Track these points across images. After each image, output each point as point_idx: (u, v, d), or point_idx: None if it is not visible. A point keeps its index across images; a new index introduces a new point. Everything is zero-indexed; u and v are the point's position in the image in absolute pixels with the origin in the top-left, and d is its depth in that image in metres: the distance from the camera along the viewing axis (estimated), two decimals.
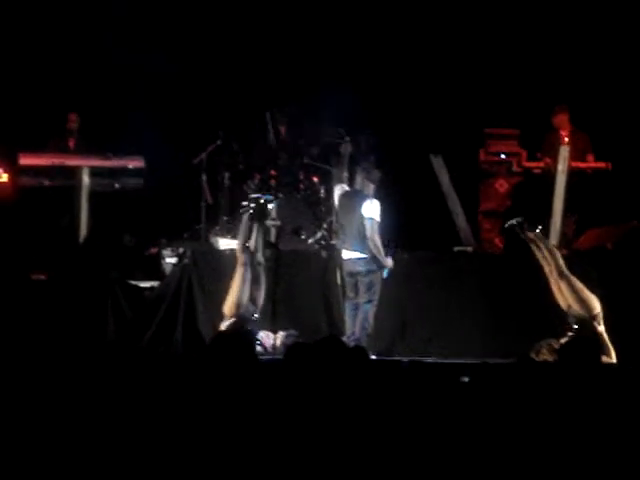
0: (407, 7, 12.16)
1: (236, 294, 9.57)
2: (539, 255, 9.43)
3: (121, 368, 5.96)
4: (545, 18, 12.04)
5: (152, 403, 4.94)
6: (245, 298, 9.61)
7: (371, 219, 9.43)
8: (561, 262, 9.35)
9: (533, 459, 4.65)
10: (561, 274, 9.29)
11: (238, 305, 9.56)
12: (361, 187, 9.65)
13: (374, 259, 9.43)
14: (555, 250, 9.53)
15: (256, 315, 9.69)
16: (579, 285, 9.25)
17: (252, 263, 9.73)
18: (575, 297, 9.20)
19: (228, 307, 9.59)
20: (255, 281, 9.73)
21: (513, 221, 9.59)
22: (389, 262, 9.48)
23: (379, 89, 11.98)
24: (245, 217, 9.95)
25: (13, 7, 11.88)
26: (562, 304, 9.28)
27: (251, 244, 9.83)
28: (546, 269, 9.36)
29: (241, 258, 9.71)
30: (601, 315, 9.14)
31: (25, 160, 11.03)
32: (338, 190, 9.93)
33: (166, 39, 12.04)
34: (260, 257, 9.87)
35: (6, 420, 4.87)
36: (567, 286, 9.25)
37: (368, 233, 9.39)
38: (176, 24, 12.09)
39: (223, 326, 9.49)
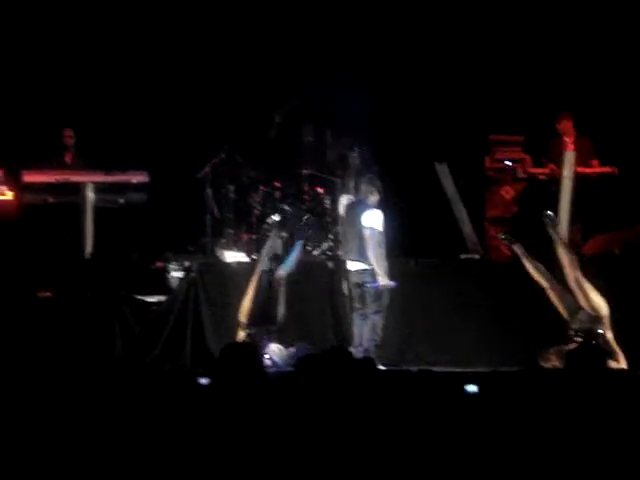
0: (410, 14, 12.14)
1: (251, 301, 9.59)
2: (561, 252, 9.47)
3: (129, 385, 5.95)
4: (548, 24, 12.01)
5: (159, 418, 4.93)
6: (259, 306, 9.62)
7: (371, 228, 9.43)
8: (576, 263, 9.40)
9: (543, 466, 4.63)
10: (576, 276, 9.34)
11: (252, 312, 9.57)
12: (365, 196, 9.66)
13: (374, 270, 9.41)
14: (571, 251, 9.57)
15: (272, 330, 9.70)
16: (589, 286, 9.28)
17: (271, 275, 9.77)
18: (585, 298, 9.23)
19: (243, 314, 9.60)
20: (274, 292, 9.75)
21: (548, 213, 9.62)
22: (384, 280, 9.41)
23: (383, 97, 11.95)
24: (275, 228, 10.06)
25: (9, 21, 11.88)
26: (571, 306, 9.30)
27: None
28: (566, 268, 9.39)
29: (260, 267, 9.73)
30: (608, 319, 9.13)
31: (29, 177, 11.03)
32: (344, 200, 9.94)
33: (168, 49, 12.05)
34: (281, 270, 9.88)
35: (13, 436, 4.86)
36: (577, 287, 9.28)
37: (367, 243, 9.38)
38: (178, 34, 12.09)
39: (239, 337, 9.50)
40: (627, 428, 4.76)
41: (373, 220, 9.46)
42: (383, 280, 9.42)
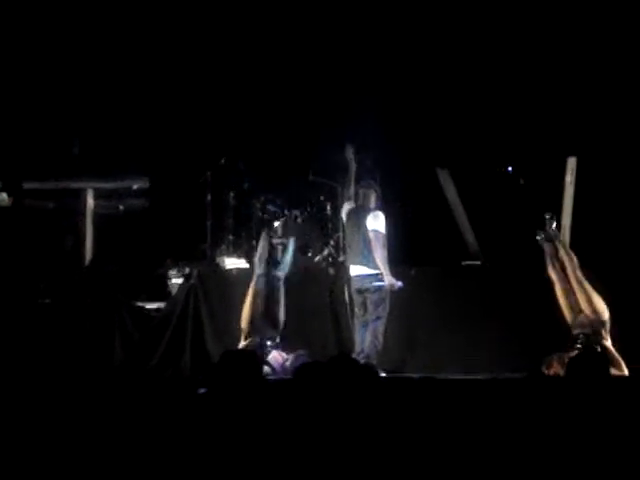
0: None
1: (250, 307, 9.57)
2: (562, 252, 9.44)
3: (129, 391, 5.94)
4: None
5: (158, 425, 4.90)
6: (258, 312, 9.58)
7: (375, 231, 9.41)
8: (577, 264, 9.37)
9: (544, 473, 4.61)
10: (577, 276, 9.30)
11: (252, 318, 9.53)
12: (363, 202, 9.64)
13: (379, 274, 9.38)
14: (571, 252, 9.55)
15: (275, 337, 9.63)
16: (591, 288, 9.25)
17: (268, 278, 9.73)
18: (587, 300, 9.19)
19: (244, 321, 9.57)
20: (275, 297, 9.72)
21: (548, 215, 9.62)
22: (391, 280, 9.39)
23: (384, 101, 11.89)
24: (265, 230, 10.01)
25: (10, 27, 11.85)
26: (574, 307, 9.25)
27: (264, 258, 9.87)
28: (568, 269, 9.35)
29: (256, 271, 9.74)
30: (609, 325, 9.09)
31: (29, 183, 11.02)
32: (346, 206, 9.90)
33: (170, 56, 12.00)
34: (279, 272, 9.85)
35: (11, 443, 4.84)
36: (580, 289, 9.24)
37: (372, 245, 9.35)
38: (180, 38, 12.03)
39: (241, 344, 9.47)
40: (629, 435, 4.74)
41: (377, 223, 9.44)
42: (390, 280, 9.38)
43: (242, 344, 9.50)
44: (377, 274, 9.41)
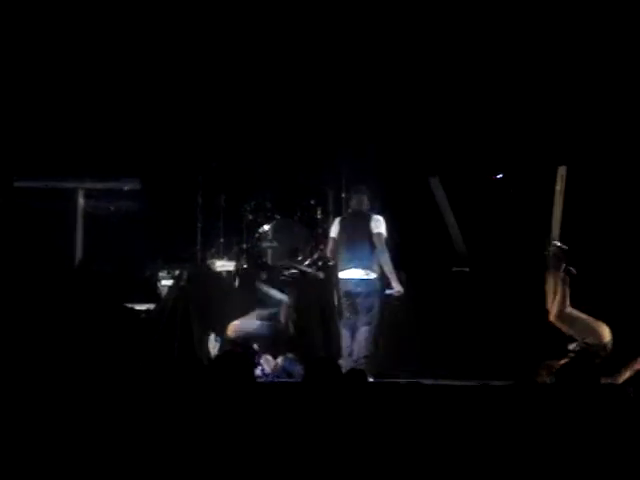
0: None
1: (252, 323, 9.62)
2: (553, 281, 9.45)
3: (117, 388, 5.94)
4: None
5: (152, 420, 4.92)
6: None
7: (380, 234, 9.41)
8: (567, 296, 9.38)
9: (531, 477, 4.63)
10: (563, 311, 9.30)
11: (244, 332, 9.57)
12: (358, 206, 9.64)
13: (381, 278, 9.36)
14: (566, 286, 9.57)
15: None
16: (583, 316, 9.24)
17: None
18: (583, 328, 9.20)
19: (234, 331, 9.57)
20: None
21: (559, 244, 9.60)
22: (398, 286, 9.37)
23: (377, 108, 11.92)
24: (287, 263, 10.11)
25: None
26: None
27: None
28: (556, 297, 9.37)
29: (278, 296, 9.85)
30: (611, 344, 9.10)
31: (20, 182, 11.00)
32: (338, 218, 9.90)
33: (164, 59, 12.01)
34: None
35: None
36: (571, 320, 9.25)
37: (378, 249, 9.33)
38: (173, 40, 12.04)
39: (227, 346, 9.49)
40: (616, 442, 4.76)
41: (380, 226, 9.45)
42: (397, 286, 9.38)
43: (229, 346, 9.51)
44: (375, 279, 9.39)
